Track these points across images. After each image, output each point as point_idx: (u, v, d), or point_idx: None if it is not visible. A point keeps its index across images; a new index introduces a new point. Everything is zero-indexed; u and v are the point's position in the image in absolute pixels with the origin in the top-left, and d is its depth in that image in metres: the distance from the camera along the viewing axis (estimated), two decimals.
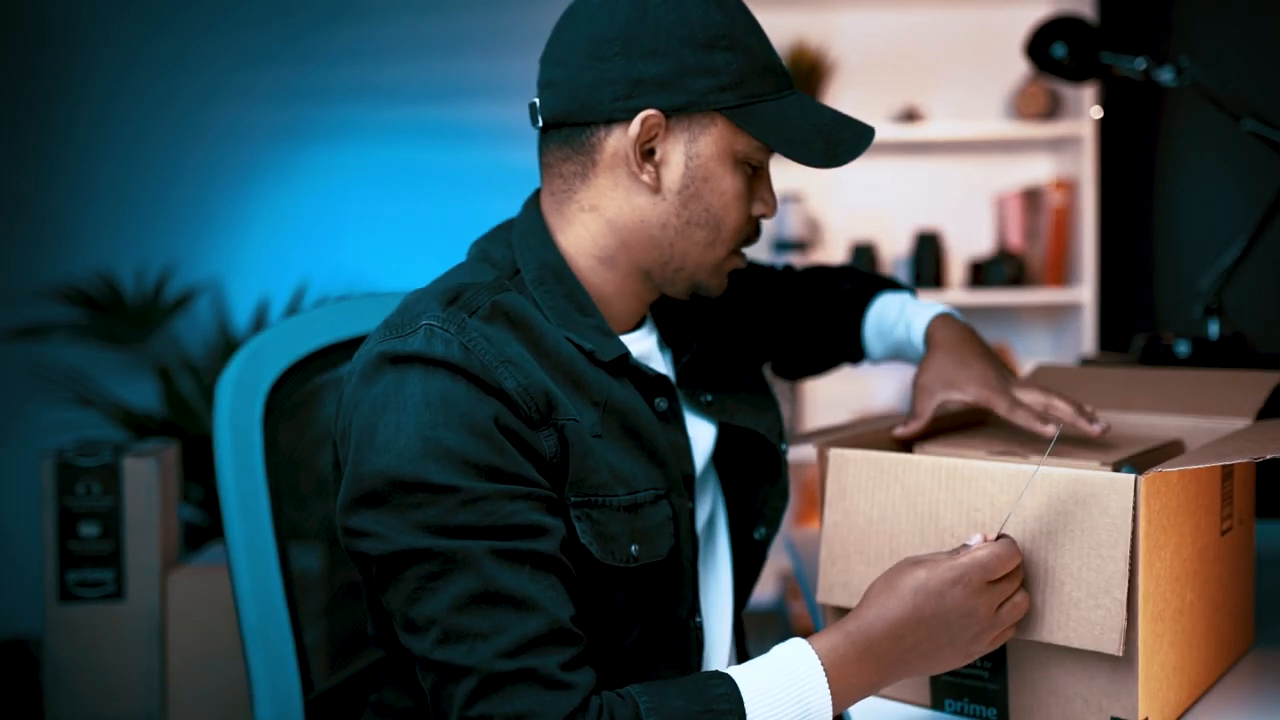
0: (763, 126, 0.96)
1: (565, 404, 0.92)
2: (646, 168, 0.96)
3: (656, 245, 0.99)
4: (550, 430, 0.91)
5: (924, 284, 3.01)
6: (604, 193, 0.99)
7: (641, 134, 0.95)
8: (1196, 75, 1.54)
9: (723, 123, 0.96)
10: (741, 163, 0.98)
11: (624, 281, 1.02)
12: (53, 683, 2.03)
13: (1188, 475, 0.93)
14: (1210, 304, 1.58)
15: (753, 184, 1.01)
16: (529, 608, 0.84)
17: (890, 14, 3.13)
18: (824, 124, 0.98)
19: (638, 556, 0.95)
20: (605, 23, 0.95)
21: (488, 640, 0.83)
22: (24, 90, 3.14)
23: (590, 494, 0.93)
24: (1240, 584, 1.07)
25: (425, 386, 0.87)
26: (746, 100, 0.96)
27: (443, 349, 0.88)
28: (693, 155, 0.96)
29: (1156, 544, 0.88)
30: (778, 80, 0.99)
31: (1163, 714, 0.92)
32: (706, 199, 0.98)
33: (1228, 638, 1.04)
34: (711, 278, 1.02)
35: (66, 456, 2.03)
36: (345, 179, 3.19)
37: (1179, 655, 0.94)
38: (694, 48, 0.94)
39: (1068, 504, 0.88)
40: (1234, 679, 1.03)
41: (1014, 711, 0.94)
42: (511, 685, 0.82)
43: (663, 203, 0.98)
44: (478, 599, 0.84)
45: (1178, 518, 0.92)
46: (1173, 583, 0.92)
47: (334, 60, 3.18)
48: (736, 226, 1.00)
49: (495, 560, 0.84)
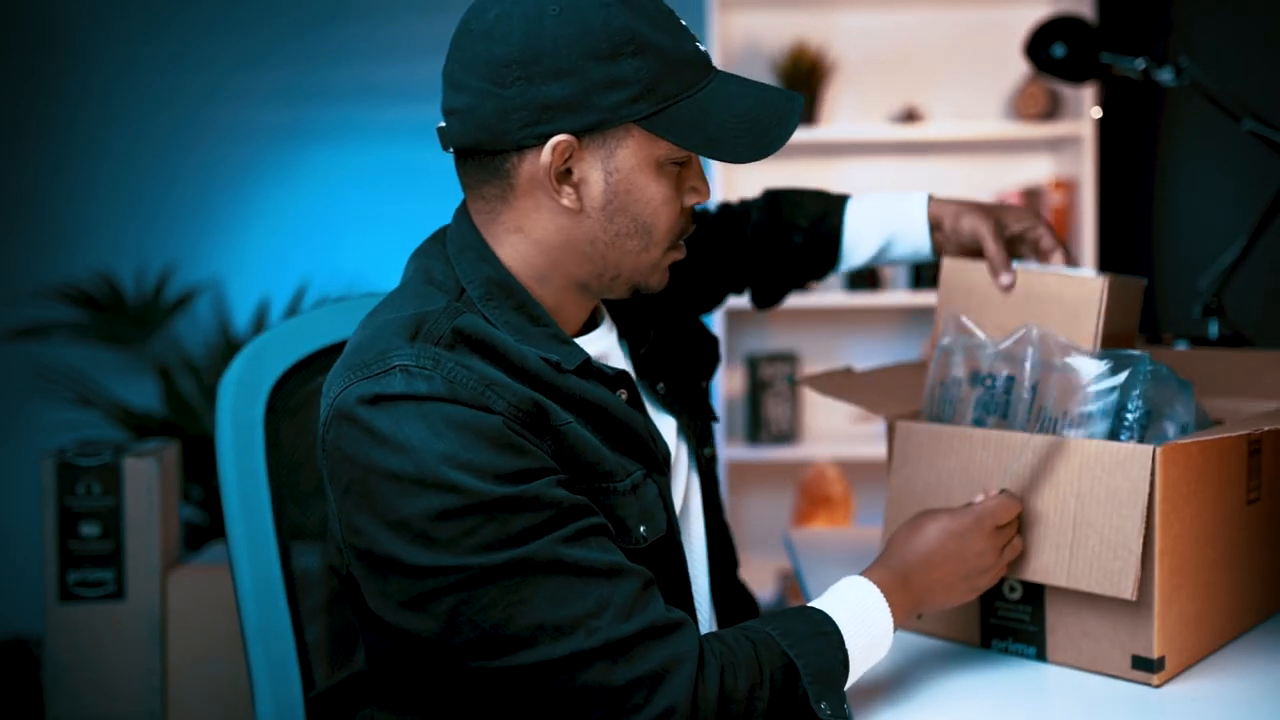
0: (681, 131, 0.93)
1: (554, 408, 0.93)
2: (565, 190, 0.94)
3: (588, 259, 0.97)
4: (548, 437, 0.91)
5: (924, 284, 3.02)
6: (527, 215, 0.96)
7: (554, 160, 0.92)
8: (1196, 75, 1.54)
9: (639, 133, 0.93)
10: (665, 165, 0.95)
11: (562, 294, 1.00)
12: (53, 682, 2.03)
13: (1209, 448, 1.04)
14: (1210, 304, 1.59)
15: (680, 177, 0.98)
16: (617, 572, 0.87)
17: (890, 14, 3.13)
18: (747, 111, 0.95)
19: (646, 536, 0.97)
20: (502, 42, 0.90)
21: (599, 616, 0.85)
22: (24, 90, 3.15)
23: (601, 480, 0.95)
24: (1268, 550, 1.17)
25: (428, 421, 0.86)
26: (661, 105, 0.92)
27: (426, 387, 0.87)
28: (611, 170, 0.93)
29: (1175, 507, 1.01)
30: (695, 71, 0.94)
31: (1180, 655, 1.04)
32: (632, 210, 0.95)
33: (1252, 597, 1.15)
34: (650, 276, 1.01)
35: (67, 456, 2.03)
36: (345, 179, 3.20)
37: (1198, 606, 1.06)
38: (598, 60, 0.89)
39: (1097, 471, 1.02)
40: (1257, 634, 1.15)
41: (1050, 650, 1.08)
42: (641, 644, 0.85)
43: (588, 220, 0.95)
44: (571, 587, 0.85)
45: (1198, 485, 1.04)
46: (1193, 542, 1.04)
47: (334, 60, 3.18)
48: (668, 227, 0.98)
49: (567, 546, 0.86)
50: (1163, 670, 1.01)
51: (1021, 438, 1.07)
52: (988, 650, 1.12)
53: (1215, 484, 1.07)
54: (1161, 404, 1.06)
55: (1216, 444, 1.05)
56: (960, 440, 1.11)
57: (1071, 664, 1.07)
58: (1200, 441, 1.02)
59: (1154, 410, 1.06)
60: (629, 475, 0.97)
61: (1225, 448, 1.07)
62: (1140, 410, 1.06)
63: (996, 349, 1.15)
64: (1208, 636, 1.08)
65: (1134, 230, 2.95)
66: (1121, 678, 1.03)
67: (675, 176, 0.97)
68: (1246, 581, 1.14)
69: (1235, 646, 1.11)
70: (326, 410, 0.90)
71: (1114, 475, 1.00)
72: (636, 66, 0.90)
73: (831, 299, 3.01)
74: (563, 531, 0.86)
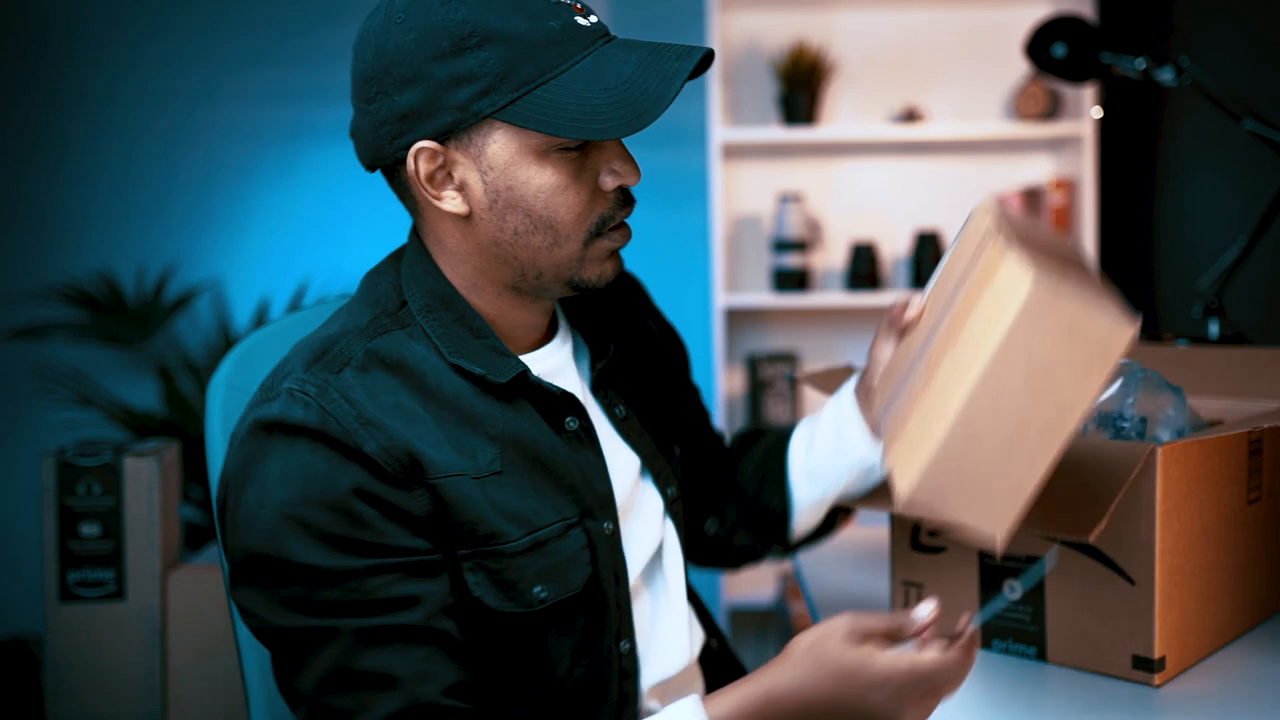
0: (542, 117, 0.86)
1: (437, 459, 0.88)
2: (447, 196, 0.91)
3: (502, 262, 0.93)
4: (420, 489, 0.88)
5: (924, 284, 3.01)
6: (434, 225, 0.95)
7: (421, 167, 0.89)
8: (1196, 75, 1.54)
9: (506, 128, 0.88)
10: (550, 153, 0.89)
11: (500, 301, 0.96)
12: (53, 682, 2.03)
13: (1209, 447, 1.04)
14: (1210, 304, 1.58)
15: (587, 162, 0.91)
16: (392, 686, 0.84)
17: (890, 14, 3.13)
18: (625, 80, 0.86)
19: (545, 598, 0.91)
20: (361, 59, 0.91)
21: (352, 716, 0.84)
22: (24, 90, 3.15)
23: (482, 544, 0.90)
24: (1268, 550, 1.18)
25: (285, 461, 0.86)
26: (517, 93, 0.86)
27: (301, 413, 0.86)
28: (486, 169, 0.90)
29: (1175, 506, 1.00)
30: (560, 50, 0.87)
31: (1180, 655, 1.03)
32: (522, 206, 0.90)
33: (1252, 597, 1.16)
34: (582, 270, 0.94)
35: (67, 456, 2.03)
36: (345, 179, 3.18)
37: (1200, 606, 1.06)
38: (440, 60, 0.86)
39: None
40: (1257, 634, 1.15)
41: (1051, 650, 1.08)
42: None
43: (481, 222, 0.92)
44: (342, 677, 0.84)
45: (1199, 485, 1.04)
46: (1193, 541, 1.04)
47: (335, 60, 3.17)
48: (575, 216, 0.91)
49: (361, 638, 0.84)
50: (1163, 670, 1.01)
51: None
52: (988, 650, 1.12)
53: (1215, 484, 1.07)
54: (1155, 410, 1.07)
55: (1216, 444, 1.05)
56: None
57: (1071, 664, 1.06)
58: (1200, 441, 1.02)
59: (1148, 417, 1.06)
60: (534, 530, 0.91)
61: (1225, 447, 1.07)
62: (1135, 418, 1.06)
63: None
64: (1208, 636, 1.08)
65: (1134, 230, 2.95)
66: (1121, 678, 1.03)
67: (574, 162, 0.90)
68: (1247, 581, 1.14)
69: (1235, 646, 1.12)
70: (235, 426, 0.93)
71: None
72: (482, 59, 0.86)
73: (831, 299, 3.01)
74: (364, 621, 0.84)
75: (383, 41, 0.89)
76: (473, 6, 0.87)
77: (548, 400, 0.96)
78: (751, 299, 3.00)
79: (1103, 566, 1.03)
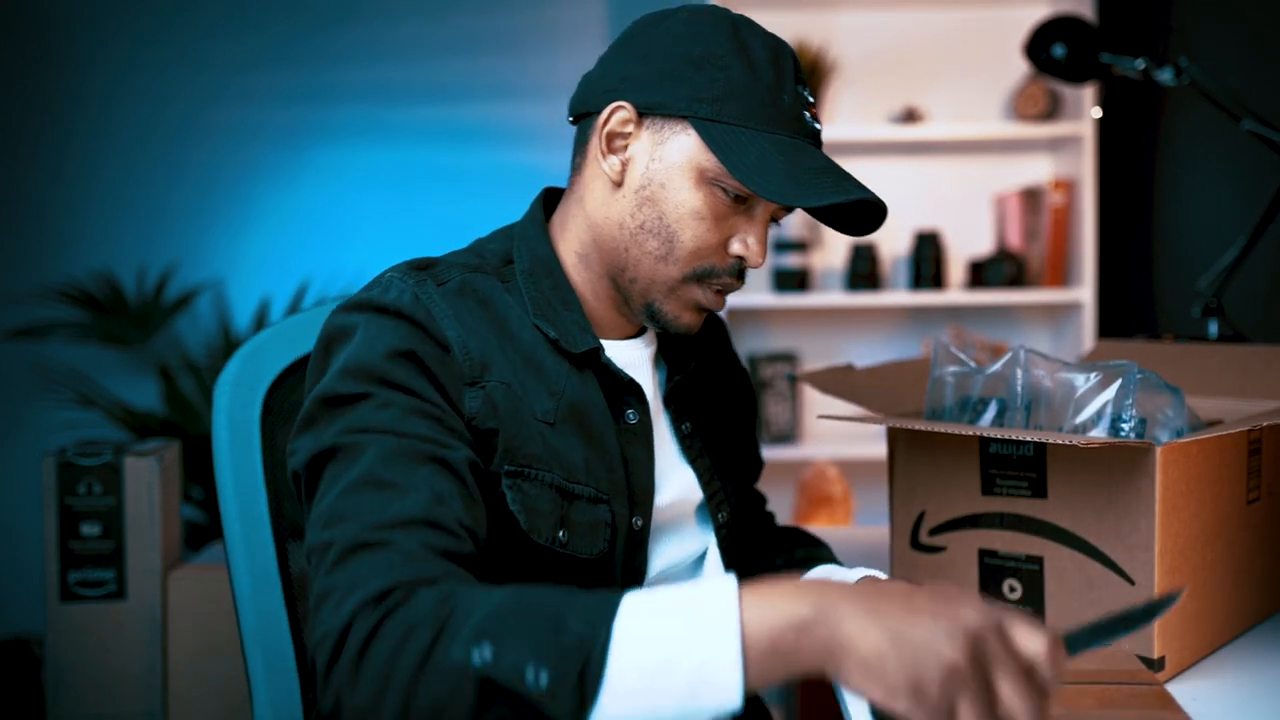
0: (726, 147, 0.94)
1: (505, 374, 0.93)
2: (610, 159, 0.98)
3: (616, 246, 0.99)
4: (479, 390, 0.92)
5: (924, 284, 3.02)
6: (587, 184, 1.01)
7: (609, 122, 0.97)
8: (1196, 75, 1.54)
9: (695, 139, 0.95)
10: (711, 184, 0.95)
11: (598, 283, 1.02)
12: (54, 682, 2.04)
13: (1208, 447, 1.04)
14: (1209, 304, 1.58)
15: (733, 218, 0.97)
16: (411, 494, 0.82)
17: (890, 14, 3.13)
18: (800, 168, 0.94)
19: (565, 542, 0.94)
20: (628, 33, 1.00)
21: (361, 519, 0.80)
22: (25, 90, 3.15)
23: (523, 464, 0.93)
24: (1268, 550, 1.17)
25: (367, 330, 0.90)
26: (721, 118, 0.94)
27: (394, 296, 0.92)
28: (656, 158, 0.96)
29: (1174, 506, 1.00)
30: (776, 117, 0.95)
31: (1180, 655, 1.03)
32: (661, 205, 0.96)
33: (1253, 597, 1.16)
34: (667, 301, 0.99)
35: (68, 456, 2.03)
36: (346, 179, 3.20)
37: (1198, 606, 1.05)
38: (684, 59, 0.95)
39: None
40: (1257, 634, 1.15)
41: None
42: (364, 552, 0.78)
43: (623, 199, 0.98)
44: (366, 482, 0.83)
45: (1198, 485, 1.04)
46: (1192, 541, 1.04)
47: (335, 61, 3.18)
48: (693, 248, 0.96)
49: (395, 453, 0.84)
50: (1163, 670, 1.01)
51: None
52: None
53: (1215, 483, 1.07)
54: (1154, 410, 1.07)
55: (1216, 443, 1.06)
56: (962, 439, 1.09)
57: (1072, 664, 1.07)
58: (1200, 441, 1.03)
59: (1147, 418, 1.06)
60: (571, 480, 0.94)
61: (1225, 447, 1.07)
62: (1135, 419, 1.06)
63: (985, 374, 1.16)
64: (1208, 636, 1.09)
65: (1134, 230, 2.95)
66: None
67: (724, 207, 0.96)
68: (1246, 581, 1.14)
69: (1235, 646, 1.12)
70: None
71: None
72: (715, 78, 0.95)
73: (831, 299, 3.01)
74: (402, 442, 0.84)
75: (661, 21, 0.99)
76: (739, 47, 0.96)
77: (614, 383, 1.00)
78: (751, 299, 3.00)
79: (1102, 566, 1.03)
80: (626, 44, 1.00)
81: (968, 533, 1.12)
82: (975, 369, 1.18)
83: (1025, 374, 1.12)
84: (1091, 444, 0.95)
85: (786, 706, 2.19)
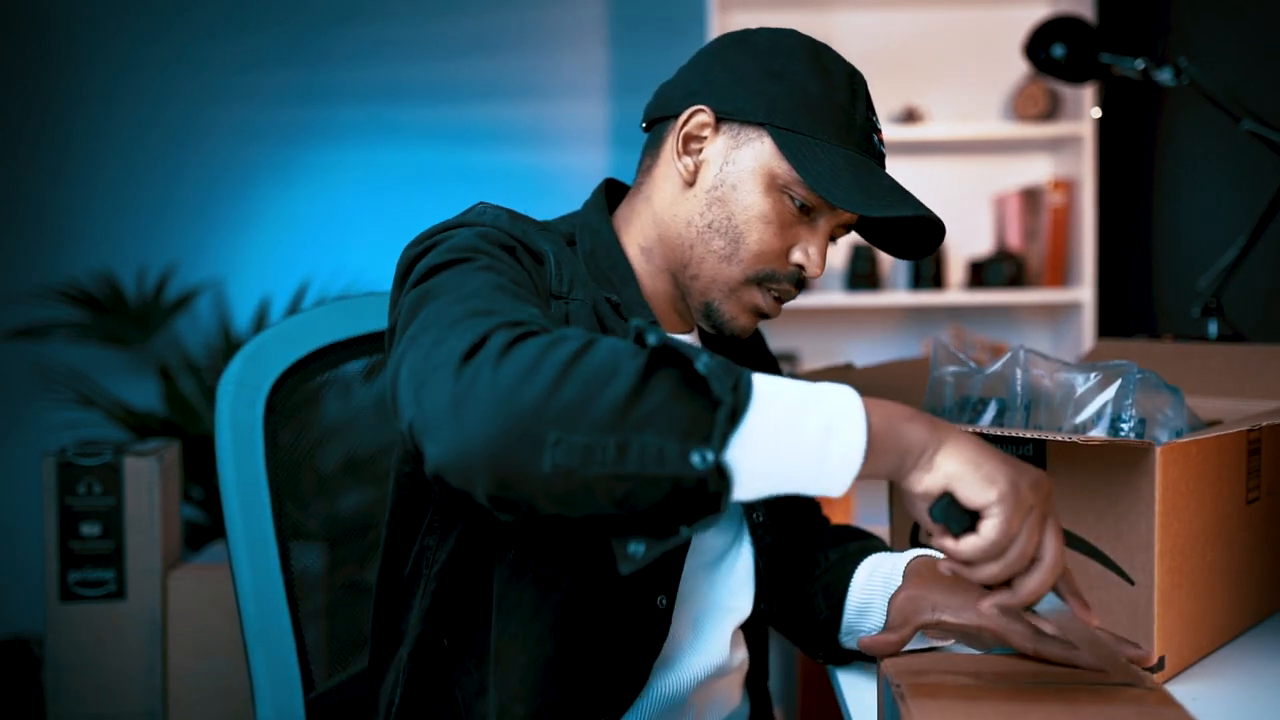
0: (799, 156, 0.97)
1: (588, 291, 0.98)
2: (685, 159, 1.01)
3: (680, 243, 1.02)
4: (563, 305, 0.96)
5: (924, 284, 3.02)
6: (657, 183, 1.04)
7: (687, 124, 1.00)
8: (1195, 75, 1.54)
9: (770, 147, 0.98)
10: (781, 191, 0.99)
11: (658, 276, 1.05)
12: (54, 682, 2.04)
13: (1208, 447, 1.04)
14: (1209, 304, 1.59)
15: (798, 227, 1.01)
16: (526, 311, 0.82)
17: (890, 14, 3.13)
18: (868, 181, 0.97)
19: None
20: (708, 47, 1.05)
21: (488, 305, 0.80)
22: (24, 90, 3.15)
23: None
24: (1268, 550, 1.17)
25: (462, 231, 0.93)
26: (795, 128, 0.98)
27: (491, 217, 0.96)
28: (730, 161, 1.00)
29: (1174, 507, 1.00)
30: (846, 133, 0.99)
31: (1180, 655, 1.03)
32: (731, 207, 0.99)
33: (1252, 597, 1.15)
34: (726, 301, 1.02)
35: (68, 456, 2.03)
36: (346, 179, 3.20)
37: (1198, 607, 1.05)
38: (766, 73, 0.99)
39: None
40: (1257, 634, 1.15)
41: None
42: (486, 316, 0.78)
43: (693, 198, 1.01)
44: (501, 288, 0.84)
45: (1198, 485, 1.03)
46: (1192, 541, 1.03)
47: (335, 62, 3.18)
48: (758, 250, 1.00)
49: (501, 287, 0.85)
50: (1163, 670, 1.01)
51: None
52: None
53: (1215, 484, 1.07)
54: (1154, 410, 1.07)
55: (1216, 443, 1.06)
56: None
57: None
58: (1199, 441, 1.03)
59: (1147, 418, 1.07)
60: None
61: (1225, 447, 1.07)
62: (1134, 419, 1.06)
63: (984, 374, 1.16)
64: (1208, 636, 1.09)
65: (1134, 230, 2.96)
66: None
67: (790, 215, 1.00)
68: (1246, 581, 1.14)
69: (1235, 646, 1.12)
70: None
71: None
72: (791, 90, 0.98)
73: (831, 299, 3.02)
74: (501, 280, 0.86)
75: (746, 37, 1.03)
76: (819, 67, 1.00)
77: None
78: None
79: (1102, 566, 1.03)
80: (708, 55, 1.03)
81: None
82: (975, 369, 1.18)
83: (1025, 374, 1.12)
84: (1091, 443, 0.94)
85: (786, 707, 2.19)
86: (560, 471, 0.68)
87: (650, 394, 0.70)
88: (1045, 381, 1.11)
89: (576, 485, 0.69)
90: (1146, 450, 0.98)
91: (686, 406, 0.70)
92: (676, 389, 0.71)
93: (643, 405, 0.69)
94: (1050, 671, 0.84)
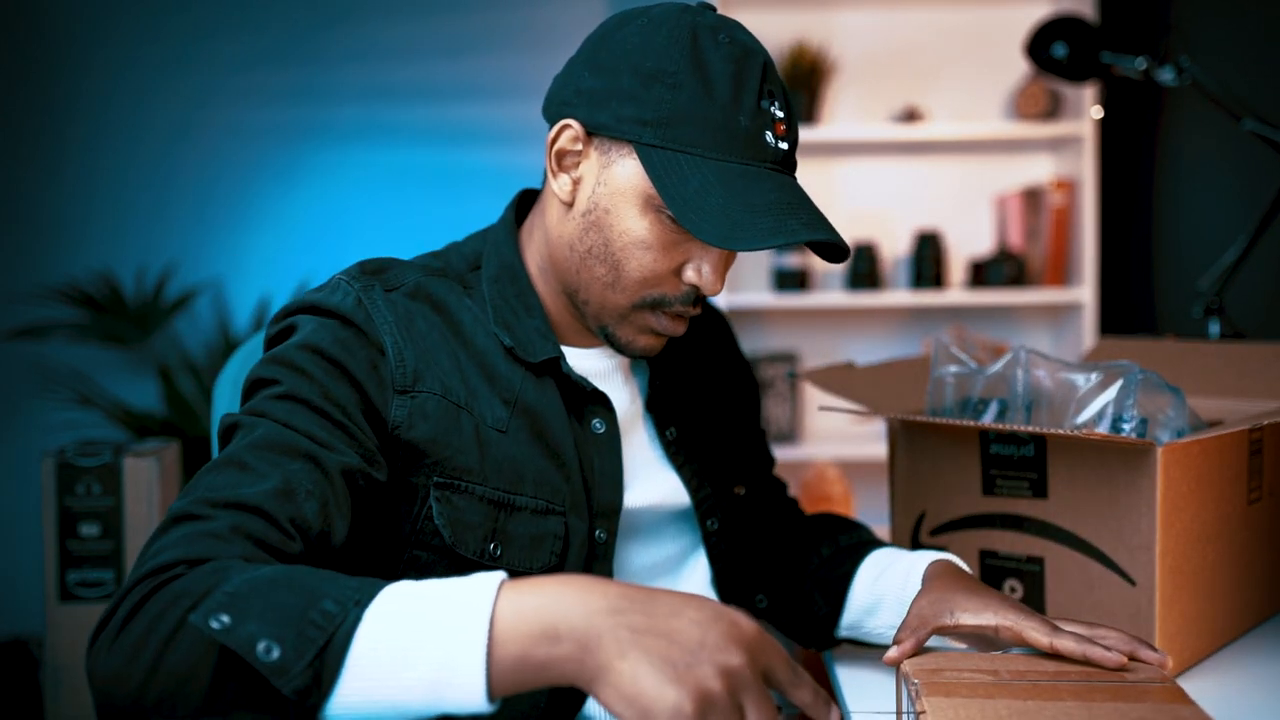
0: (664, 176, 0.88)
1: (450, 381, 0.92)
2: (561, 177, 0.94)
3: (567, 267, 0.96)
4: (408, 399, 0.90)
5: (924, 284, 3.02)
6: (548, 198, 0.98)
7: (558, 139, 0.93)
8: (1196, 75, 1.54)
9: (636, 159, 0.90)
10: (658, 210, 0.90)
11: (558, 297, 1.00)
12: (53, 682, 2.03)
13: (1209, 447, 1.03)
14: (1210, 304, 1.58)
15: (687, 244, 0.92)
16: (261, 481, 0.79)
17: (890, 14, 3.13)
18: (744, 203, 0.87)
19: (496, 555, 0.92)
20: (594, 35, 0.96)
21: (200, 493, 0.78)
22: (24, 90, 3.15)
23: (454, 477, 0.91)
24: (1269, 550, 1.17)
25: (304, 328, 0.91)
26: (665, 144, 0.88)
27: (338, 299, 0.92)
28: (601, 181, 0.92)
29: (1176, 507, 1.00)
30: (728, 143, 0.89)
31: (1180, 655, 1.03)
32: (607, 233, 0.92)
33: (1254, 598, 1.15)
34: (620, 326, 0.96)
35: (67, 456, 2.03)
36: (346, 179, 3.20)
37: (1199, 607, 1.05)
38: (635, 75, 0.89)
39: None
40: (1258, 634, 1.15)
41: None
42: (181, 524, 0.75)
43: (572, 221, 0.95)
44: (231, 462, 0.81)
45: (1199, 485, 1.03)
46: (1194, 542, 1.03)
47: (335, 62, 3.18)
48: (640, 277, 0.92)
49: (271, 441, 0.82)
50: None
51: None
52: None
53: (1216, 484, 1.06)
54: (1155, 410, 1.06)
55: (1217, 444, 1.05)
56: (962, 433, 1.09)
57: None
58: (1200, 441, 1.02)
59: (1149, 418, 1.06)
60: (514, 492, 0.92)
61: (1226, 447, 1.07)
62: (1136, 419, 1.06)
63: (985, 374, 1.16)
64: (1208, 636, 1.08)
65: (1134, 230, 2.95)
66: None
67: (673, 234, 0.91)
68: (1247, 581, 1.14)
69: (1235, 646, 1.11)
70: None
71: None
72: (663, 99, 0.88)
73: (831, 299, 3.01)
74: (284, 433, 0.83)
75: (621, 26, 0.93)
76: (689, 64, 0.89)
77: (576, 393, 0.98)
78: (751, 299, 2.99)
79: (1103, 566, 1.03)
80: (588, 49, 0.95)
81: (968, 533, 1.12)
82: (976, 369, 1.17)
83: (1026, 374, 1.12)
84: (1092, 436, 0.94)
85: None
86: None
87: (228, 693, 0.67)
88: (1046, 382, 1.11)
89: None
90: (1148, 450, 0.98)
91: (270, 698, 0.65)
92: (249, 693, 0.66)
93: (226, 698, 0.67)
94: (1067, 669, 0.84)
